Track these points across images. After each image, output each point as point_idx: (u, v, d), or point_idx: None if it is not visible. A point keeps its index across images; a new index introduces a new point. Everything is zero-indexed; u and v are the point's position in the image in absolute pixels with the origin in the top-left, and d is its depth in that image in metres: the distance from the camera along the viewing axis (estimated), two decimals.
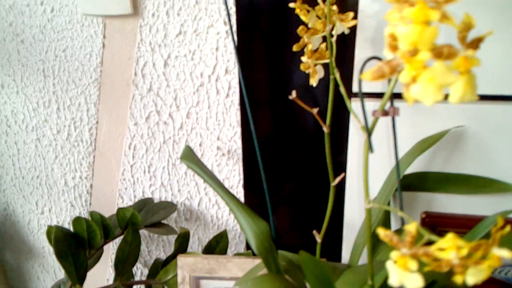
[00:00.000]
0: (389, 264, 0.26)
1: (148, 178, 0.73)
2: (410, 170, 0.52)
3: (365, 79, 0.24)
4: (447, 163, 0.53)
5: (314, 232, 0.50)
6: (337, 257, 0.67)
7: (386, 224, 0.51)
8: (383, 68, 0.23)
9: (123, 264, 0.64)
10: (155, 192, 0.74)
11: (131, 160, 0.72)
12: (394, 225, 0.58)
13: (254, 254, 0.64)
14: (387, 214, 0.51)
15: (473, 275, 0.23)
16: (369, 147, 0.33)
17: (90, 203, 0.79)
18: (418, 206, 0.56)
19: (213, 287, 0.62)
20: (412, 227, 0.24)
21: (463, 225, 0.54)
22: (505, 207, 0.54)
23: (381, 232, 0.25)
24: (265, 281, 0.43)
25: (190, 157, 0.59)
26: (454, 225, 0.53)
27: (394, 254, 0.25)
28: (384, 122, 0.55)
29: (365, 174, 0.35)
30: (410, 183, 0.53)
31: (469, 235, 0.43)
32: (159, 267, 0.73)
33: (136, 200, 0.75)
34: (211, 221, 0.74)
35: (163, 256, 0.80)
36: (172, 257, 0.66)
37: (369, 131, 0.33)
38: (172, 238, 0.77)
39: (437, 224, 0.56)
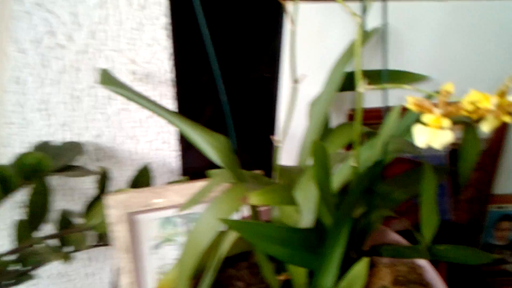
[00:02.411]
0: (417, 128, 0.27)
1: (45, 117, 0.61)
2: None
3: None
4: (372, 60, 0.58)
5: (271, 137, 0.49)
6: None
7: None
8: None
9: (37, 217, 0.55)
10: (55, 133, 0.63)
11: (21, 97, 0.59)
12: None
13: (192, 179, 0.61)
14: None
15: (490, 122, 0.27)
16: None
17: None
18: (344, 105, 0.61)
19: (152, 218, 0.57)
20: (448, 86, 0.26)
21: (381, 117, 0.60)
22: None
23: (410, 99, 0.27)
24: (238, 191, 0.42)
25: (110, 80, 0.51)
26: (376, 117, 0.59)
27: (427, 117, 0.27)
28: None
29: None
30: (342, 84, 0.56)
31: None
32: (67, 217, 0.64)
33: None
34: (129, 157, 0.67)
35: (71, 206, 0.70)
36: (96, 200, 0.58)
37: None
38: (77, 186, 0.68)
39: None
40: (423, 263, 0.50)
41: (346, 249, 0.40)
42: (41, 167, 0.54)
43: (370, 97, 0.62)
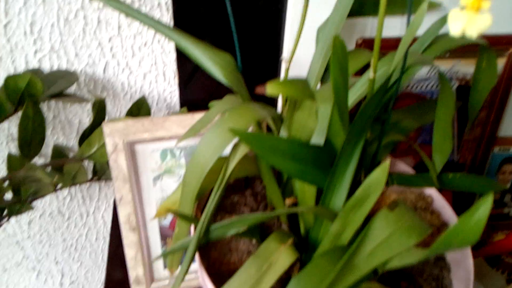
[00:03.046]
0: (452, 14, 0.25)
1: (31, 41, 0.57)
2: None
3: None
4: None
5: (282, 57, 0.46)
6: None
7: None
8: None
9: (29, 145, 0.52)
10: (43, 60, 0.58)
11: (3, 18, 0.54)
12: None
13: (190, 110, 0.59)
14: None
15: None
16: None
17: None
18: (353, 33, 0.57)
19: (151, 150, 0.55)
20: None
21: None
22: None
23: None
24: (246, 110, 0.39)
25: None
26: (391, 47, 0.56)
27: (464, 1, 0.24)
28: None
29: None
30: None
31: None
32: (61, 151, 0.61)
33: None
34: (122, 90, 0.64)
35: (62, 141, 0.67)
36: (91, 129, 0.55)
37: None
38: (71, 120, 0.65)
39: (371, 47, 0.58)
40: (432, 191, 0.49)
41: (356, 172, 0.38)
42: (32, 91, 0.50)
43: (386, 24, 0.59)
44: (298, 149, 0.35)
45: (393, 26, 0.57)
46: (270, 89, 0.27)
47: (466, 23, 0.24)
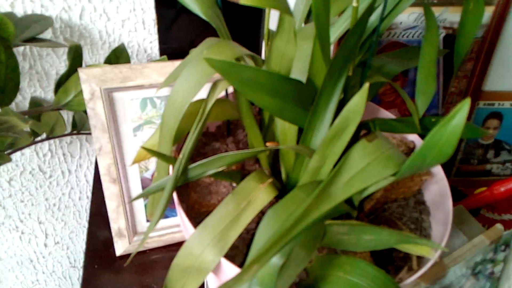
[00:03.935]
0: None
1: None
2: None
3: None
4: None
5: None
6: None
7: None
8: None
9: (2, 92, 0.50)
10: (15, 3, 0.56)
11: None
12: None
13: (170, 59, 0.57)
14: None
15: None
16: None
17: None
18: None
19: (130, 98, 0.53)
20: None
21: None
22: None
23: None
24: (225, 46, 0.37)
25: None
26: None
27: None
28: None
29: None
30: None
31: None
32: (39, 103, 0.59)
33: None
34: (100, 38, 0.61)
35: (40, 93, 0.65)
36: (67, 76, 0.53)
37: None
38: (46, 70, 0.62)
39: None
40: (414, 137, 0.49)
41: (337, 112, 0.38)
42: (3, 34, 0.48)
43: None
44: (278, 83, 0.33)
45: None
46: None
47: None
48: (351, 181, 0.28)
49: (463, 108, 0.22)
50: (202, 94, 0.37)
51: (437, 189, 0.44)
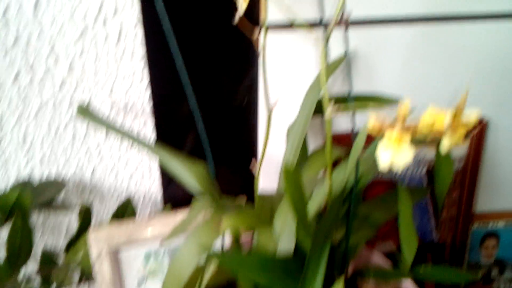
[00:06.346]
0: (381, 147, 0.28)
1: (24, 152, 0.60)
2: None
3: None
4: (344, 84, 0.60)
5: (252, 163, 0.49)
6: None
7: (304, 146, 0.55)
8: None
9: (17, 257, 0.53)
10: (34, 168, 0.62)
11: None
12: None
13: (174, 208, 0.61)
14: (304, 140, 0.55)
15: (451, 138, 0.28)
16: None
17: None
18: (323, 129, 0.62)
19: (137, 252, 0.57)
20: (405, 105, 0.27)
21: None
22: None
23: (371, 120, 0.28)
24: (248, 215, 0.41)
25: (89, 113, 0.51)
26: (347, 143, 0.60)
27: (388, 134, 0.27)
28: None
29: None
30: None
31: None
32: (49, 255, 0.62)
33: (11, 182, 0.62)
34: (109, 191, 0.67)
35: (52, 243, 0.68)
36: (77, 236, 0.57)
37: None
38: (59, 223, 0.67)
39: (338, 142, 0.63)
40: (408, 283, 0.50)
41: (329, 272, 0.40)
42: (21, 204, 0.53)
43: (347, 121, 0.64)
44: (267, 263, 0.37)
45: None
46: (225, 224, 0.30)
47: (392, 156, 0.28)
48: None
49: None
50: None
51: None
